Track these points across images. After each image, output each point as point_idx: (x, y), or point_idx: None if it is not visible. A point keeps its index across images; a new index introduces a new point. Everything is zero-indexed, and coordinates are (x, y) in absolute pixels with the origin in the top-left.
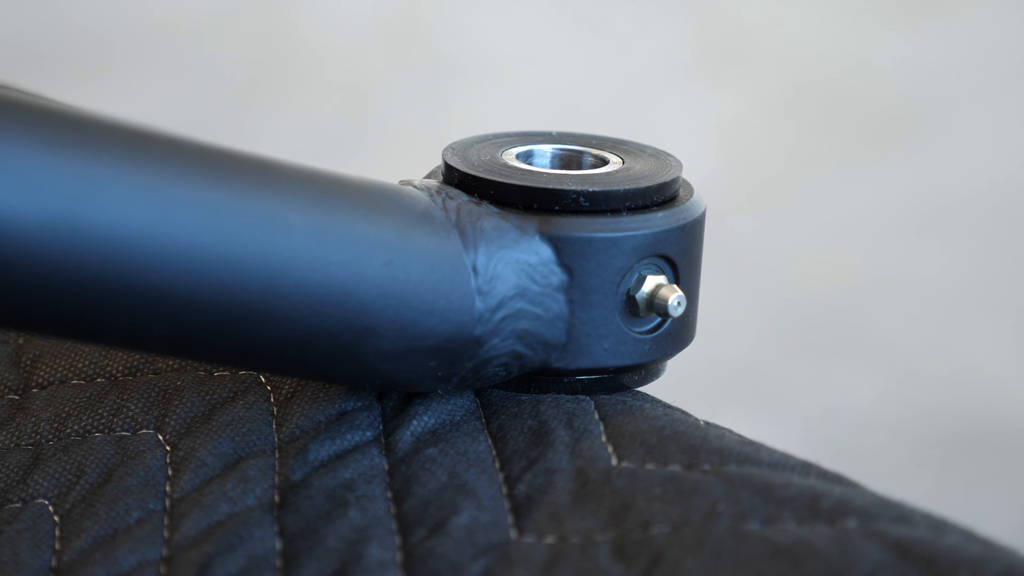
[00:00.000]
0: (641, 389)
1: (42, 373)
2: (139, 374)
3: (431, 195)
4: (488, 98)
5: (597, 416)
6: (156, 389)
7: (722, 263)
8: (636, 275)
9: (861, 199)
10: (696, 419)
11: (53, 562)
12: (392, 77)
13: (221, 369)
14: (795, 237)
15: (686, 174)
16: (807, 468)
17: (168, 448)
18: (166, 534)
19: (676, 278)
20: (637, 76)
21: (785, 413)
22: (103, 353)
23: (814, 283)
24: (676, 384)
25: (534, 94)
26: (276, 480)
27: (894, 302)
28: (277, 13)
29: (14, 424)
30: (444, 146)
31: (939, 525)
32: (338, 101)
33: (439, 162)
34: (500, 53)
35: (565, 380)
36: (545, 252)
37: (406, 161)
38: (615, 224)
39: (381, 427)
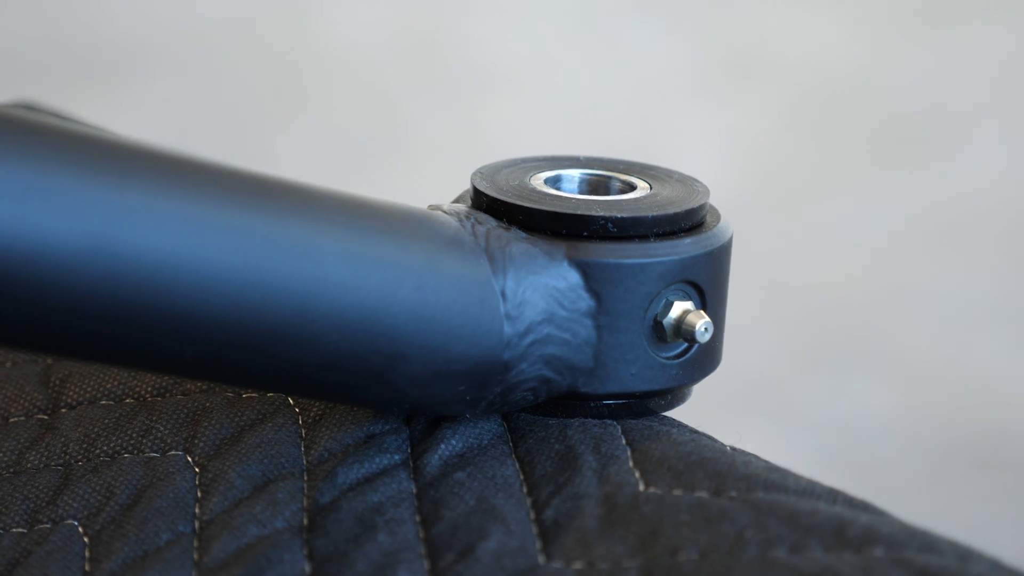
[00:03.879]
0: (667, 414)
1: (71, 393)
2: (168, 395)
3: (460, 220)
4: (506, 111)
5: (624, 441)
6: (185, 410)
7: (737, 277)
8: (663, 301)
9: (878, 212)
10: (723, 445)
11: None
12: (412, 90)
13: (249, 391)
14: (811, 250)
15: None
16: (834, 495)
17: (197, 470)
18: (196, 556)
19: (703, 304)
20: (654, 89)
21: (801, 426)
22: (132, 374)
23: (831, 296)
24: (692, 396)
25: (552, 107)
26: (305, 503)
27: (911, 315)
28: (299, 26)
29: (43, 444)
30: (463, 160)
31: (965, 554)
32: (359, 113)
33: (465, 183)
34: (518, 66)
35: (592, 405)
36: (573, 278)
37: (427, 173)
38: (643, 250)
39: (409, 450)
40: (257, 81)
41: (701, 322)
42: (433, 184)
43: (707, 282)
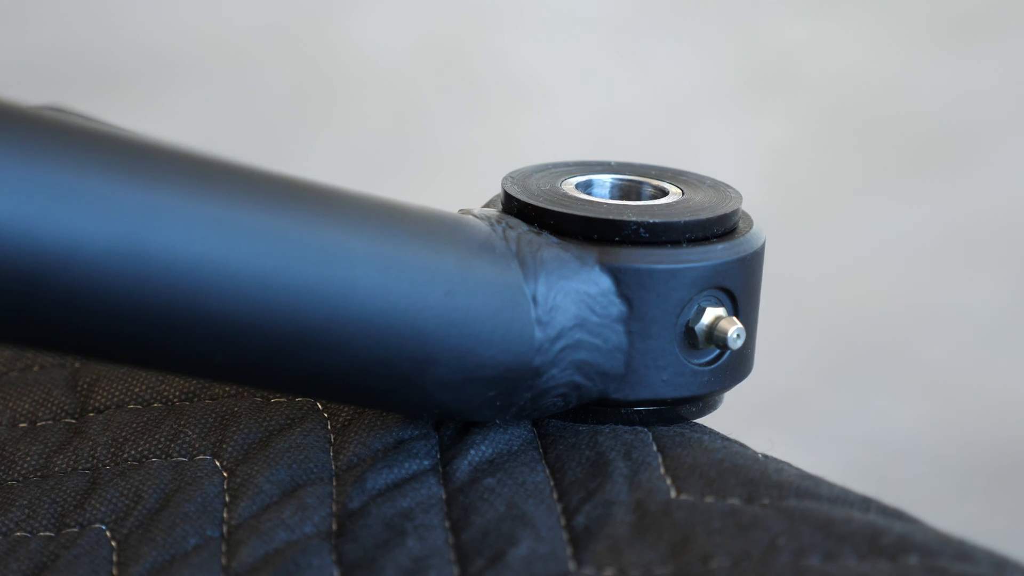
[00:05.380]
0: (698, 421)
1: (99, 397)
2: (196, 400)
3: (491, 224)
4: (533, 122)
5: (655, 448)
6: (213, 415)
7: (764, 289)
8: (695, 307)
9: (904, 226)
10: (755, 452)
11: None
12: (436, 101)
13: (278, 396)
14: (837, 264)
15: None
16: (867, 503)
17: (225, 474)
18: (223, 561)
19: (735, 310)
20: (680, 102)
21: (826, 440)
22: (160, 378)
23: (856, 310)
24: (718, 411)
25: (577, 118)
26: (334, 508)
27: (937, 329)
28: (326, 37)
29: (71, 448)
30: (489, 171)
31: (1001, 563)
32: (385, 123)
33: (491, 193)
34: (544, 78)
35: (623, 411)
36: (605, 283)
37: (451, 185)
38: (675, 256)
39: (439, 456)
40: (284, 91)
41: (733, 328)
42: (459, 194)
43: (739, 288)
